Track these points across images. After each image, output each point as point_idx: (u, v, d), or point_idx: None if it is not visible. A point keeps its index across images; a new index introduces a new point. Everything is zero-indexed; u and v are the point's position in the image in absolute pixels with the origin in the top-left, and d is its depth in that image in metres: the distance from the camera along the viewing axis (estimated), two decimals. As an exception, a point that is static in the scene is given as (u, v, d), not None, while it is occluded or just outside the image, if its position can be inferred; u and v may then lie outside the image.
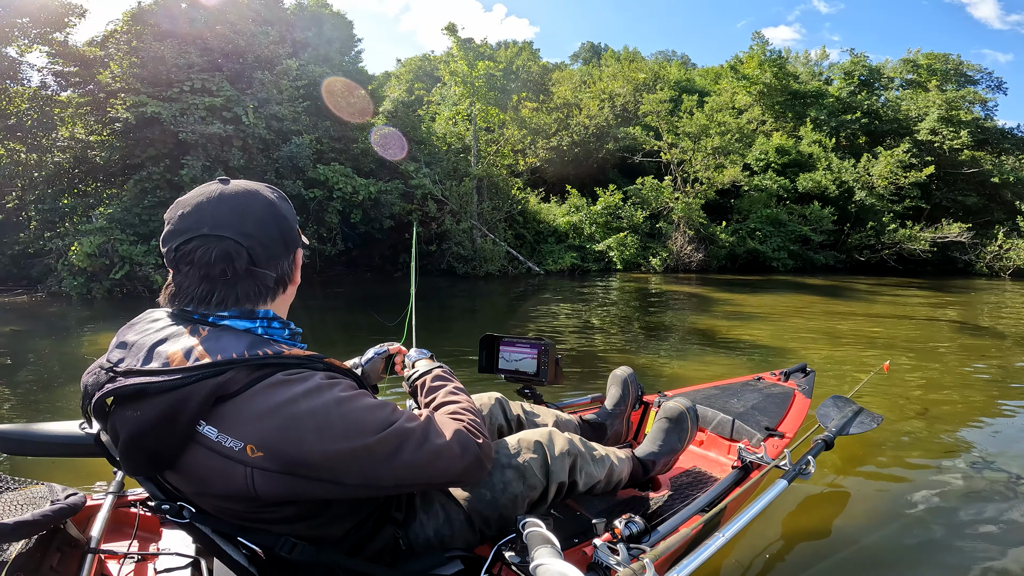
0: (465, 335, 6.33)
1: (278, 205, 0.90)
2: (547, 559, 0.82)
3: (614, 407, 1.87)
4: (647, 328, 7.13)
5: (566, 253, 16.26)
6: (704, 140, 17.76)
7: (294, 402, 0.75)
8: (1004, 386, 4.38)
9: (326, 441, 0.75)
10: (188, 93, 10.57)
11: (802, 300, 10.31)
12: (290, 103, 11.75)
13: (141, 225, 10.16)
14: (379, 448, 0.78)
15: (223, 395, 0.74)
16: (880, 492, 2.47)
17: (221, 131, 10.16)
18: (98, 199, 11.62)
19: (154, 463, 0.77)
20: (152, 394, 0.73)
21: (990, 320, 8.19)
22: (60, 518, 0.91)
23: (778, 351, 5.52)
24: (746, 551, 1.95)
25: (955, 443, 3.08)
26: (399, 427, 0.81)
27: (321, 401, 0.76)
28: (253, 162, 10.95)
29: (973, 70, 22.89)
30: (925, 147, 20.39)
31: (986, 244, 19.01)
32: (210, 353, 0.76)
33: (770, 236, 18.35)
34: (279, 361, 0.79)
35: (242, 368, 0.76)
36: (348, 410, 0.78)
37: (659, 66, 28.14)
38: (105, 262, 9.67)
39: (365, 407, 0.80)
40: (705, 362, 5.05)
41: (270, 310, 0.88)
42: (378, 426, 0.79)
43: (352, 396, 0.80)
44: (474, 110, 15.80)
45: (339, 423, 0.77)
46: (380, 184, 12.78)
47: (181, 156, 10.33)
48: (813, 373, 2.79)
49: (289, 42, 14.13)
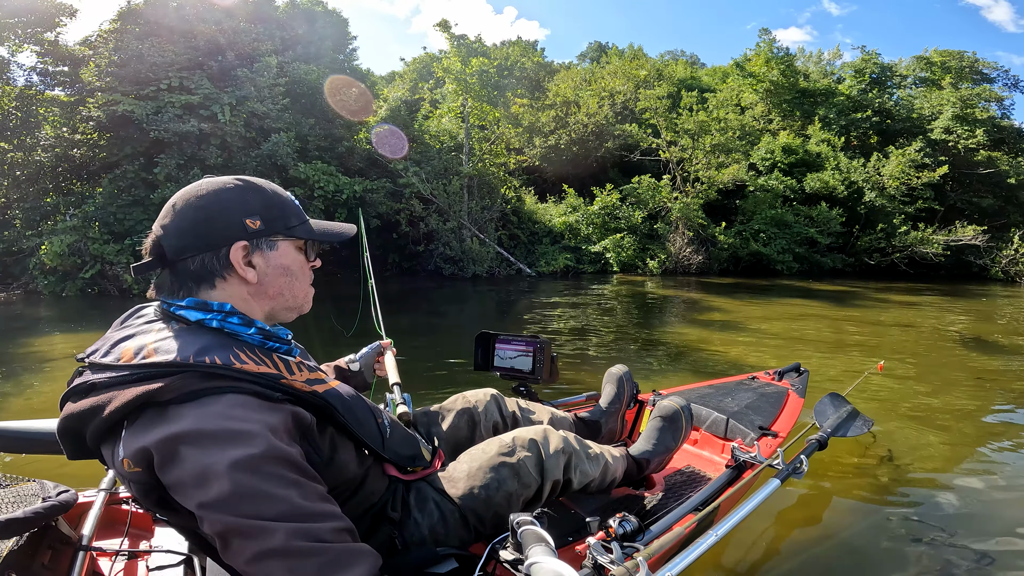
0: (427, 342, 5.95)
1: (213, 197, 0.85)
2: (541, 557, 0.81)
3: (609, 405, 1.87)
4: (640, 330, 6.89)
5: (560, 254, 15.82)
6: (704, 138, 17.21)
7: (197, 440, 0.69)
8: (1008, 395, 4.16)
9: (201, 497, 0.67)
10: (165, 91, 10.37)
11: (805, 304, 9.84)
12: (271, 100, 11.48)
13: (116, 224, 9.96)
14: (256, 534, 0.66)
15: (152, 401, 0.71)
16: (873, 493, 2.45)
17: (195, 129, 9.91)
18: (81, 198, 11.49)
19: (79, 452, 0.78)
20: (99, 389, 0.74)
21: (1003, 329, 7.64)
22: (51, 515, 0.90)
23: (774, 355, 5.35)
24: (739, 550, 1.96)
25: (952, 448, 3.05)
26: (304, 529, 0.68)
27: (223, 457, 0.68)
28: (232, 160, 10.71)
29: (989, 68, 22.00)
30: (939, 146, 19.61)
31: (1002, 248, 18.16)
32: (159, 352, 0.75)
33: (775, 238, 17.68)
34: (227, 374, 0.75)
35: (187, 376, 0.73)
36: (242, 480, 0.68)
37: (664, 64, 27.59)
38: (77, 261, 9.49)
39: (265, 485, 0.69)
40: (699, 363, 4.95)
41: (227, 303, 0.84)
42: (273, 515, 0.67)
43: (264, 461, 0.69)
44: (467, 108, 15.46)
45: (228, 486, 0.67)
46: (366, 183, 12.47)
47: (157, 154, 10.11)
48: (807, 373, 2.79)
49: (278, 39, 13.92)
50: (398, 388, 1.43)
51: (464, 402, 1.48)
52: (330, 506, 0.73)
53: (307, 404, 0.84)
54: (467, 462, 1.18)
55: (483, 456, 1.18)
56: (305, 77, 12.85)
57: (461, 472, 1.15)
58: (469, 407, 1.47)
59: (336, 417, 0.89)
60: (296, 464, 0.73)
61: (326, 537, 0.69)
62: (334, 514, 0.73)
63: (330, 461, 0.88)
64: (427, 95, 18.87)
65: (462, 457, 1.21)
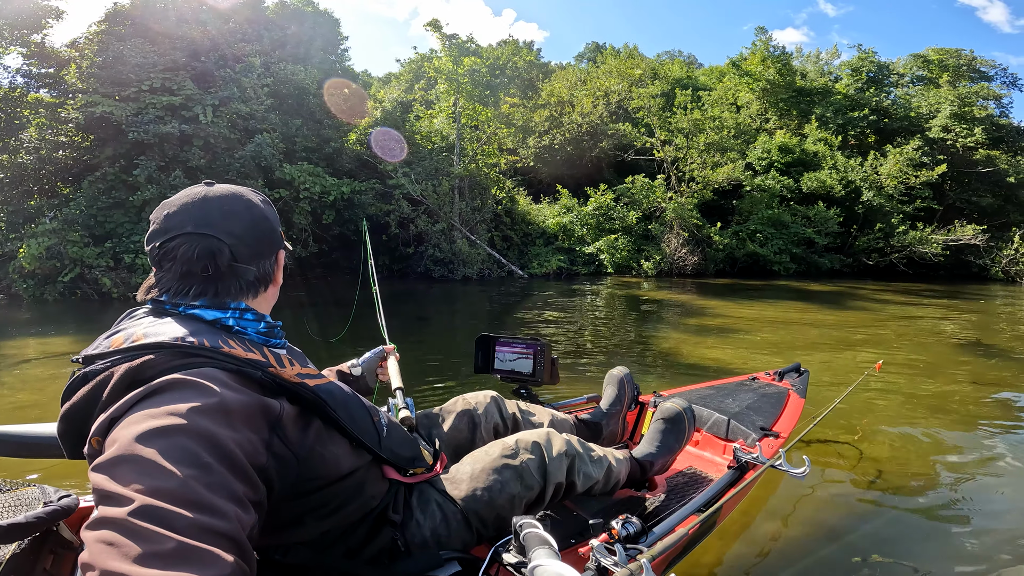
0: (414, 345, 5.78)
1: (259, 207, 0.91)
2: (544, 560, 0.81)
3: (610, 407, 1.88)
4: (635, 331, 6.78)
5: (552, 256, 15.62)
6: (698, 136, 17.02)
7: (151, 410, 0.65)
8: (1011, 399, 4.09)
9: (110, 455, 0.61)
10: (147, 92, 10.21)
11: (802, 306, 9.66)
12: (257, 101, 11.32)
13: (96, 226, 9.80)
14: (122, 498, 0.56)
15: (138, 379, 0.70)
16: (877, 492, 2.44)
17: (176, 130, 9.75)
18: (64, 200, 11.34)
19: (79, 448, 0.73)
20: (91, 377, 0.74)
21: (1003, 332, 7.44)
22: (53, 520, 0.90)
23: (771, 356, 5.27)
24: (742, 551, 1.95)
25: (957, 447, 3.02)
26: (160, 510, 0.55)
27: (163, 423, 0.63)
28: (216, 162, 10.54)
29: (987, 66, 21.79)
30: (937, 145, 19.41)
31: (1002, 247, 17.96)
32: (148, 336, 0.75)
33: (772, 238, 17.47)
34: (211, 355, 0.75)
35: (165, 352, 0.73)
36: (142, 445, 0.60)
37: (660, 64, 27.42)
38: (56, 264, 9.32)
39: (193, 456, 0.61)
40: (694, 365, 4.88)
41: (242, 302, 0.87)
42: (143, 487, 0.57)
43: (182, 431, 0.63)
44: (458, 108, 15.29)
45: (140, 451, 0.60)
46: (354, 184, 12.30)
47: (138, 156, 9.95)
48: (807, 373, 2.80)
49: (266, 40, 13.77)
50: (401, 392, 1.40)
51: (464, 404, 1.49)
52: (225, 503, 0.61)
53: (293, 395, 0.84)
54: (470, 464, 1.19)
55: (486, 458, 1.19)
56: (292, 78, 12.69)
57: (464, 474, 1.16)
58: (469, 409, 1.48)
59: (327, 411, 0.88)
60: (220, 449, 0.65)
61: (179, 527, 0.55)
62: (221, 512, 0.59)
63: (311, 455, 0.85)
64: (419, 95, 18.73)
65: (465, 459, 1.22)
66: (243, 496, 0.65)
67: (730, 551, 1.93)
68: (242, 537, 0.61)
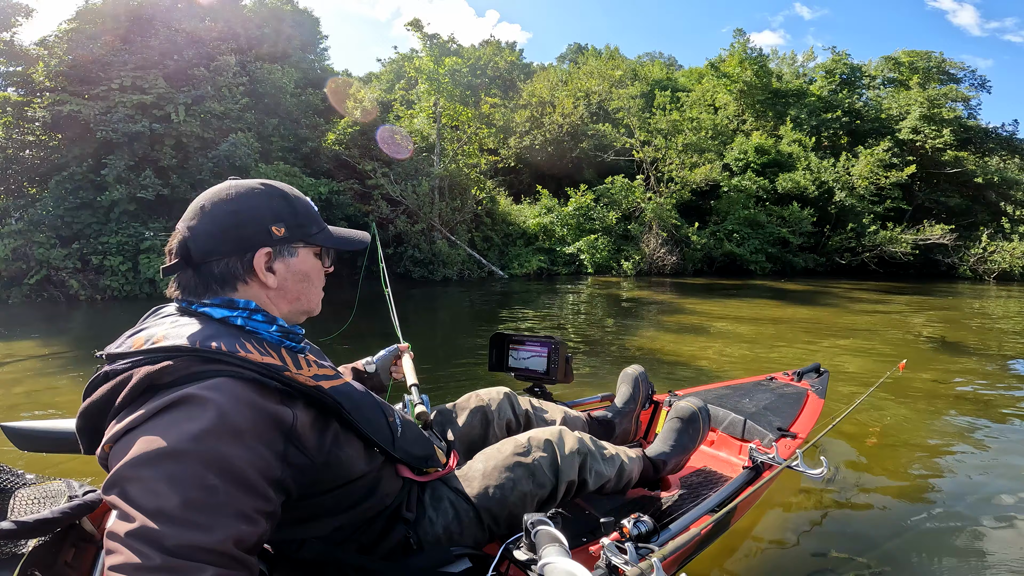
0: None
1: (243, 202, 0.87)
2: (555, 558, 0.81)
3: (624, 405, 1.88)
4: (617, 331, 6.75)
5: (533, 256, 15.67)
6: (677, 137, 17.22)
7: (157, 423, 0.69)
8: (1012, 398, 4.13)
9: (124, 466, 0.66)
10: (116, 91, 10.00)
11: (776, 305, 9.80)
12: (231, 100, 11.16)
13: (63, 227, 9.57)
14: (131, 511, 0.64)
15: (155, 384, 0.72)
16: (893, 494, 2.40)
17: (146, 129, 9.57)
18: (31, 200, 11.06)
19: (95, 444, 0.76)
20: (112, 376, 0.75)
21: (976, 329, 7.66)
22: (78, 515, 0.90)
23: (753, 356, 5.28)
24: (757, 552, 1.92)
25: (971, 446, 2.98)
26: (153, 533, 0.62)
27: (172, 441, 0.67)
28: (188, 161, 10.37)
29: (956, 68, 22.42)
30: (907, 146, 19.92)
31: (970, 246, 18.49)
32: (168, 339, 0.76)
33: (748, 238, 17.77)
34: (228, 360, 0.76)
35: (185, 358, 0.74)
36: (174, 469, 0.66)
37: (641, 65, 27.66)
38: (22, 266, 9.09)
39: (191, 478, 0.66)
40: (688, 366, 4.82)
41: (252, 301, 0.86)
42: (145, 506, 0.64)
43: (191, 457, 0.67)
44: (439, 108, 15.25)
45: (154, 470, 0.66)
46: (332, 184, 12.20)
47: (107, 155, 9.74)
48: (827, 373, 2.76)
49: (243, 38, 13.59)
50: (416, 389, 1.41)
51: (477, 400, 1.49)
52: (222, 521, 0.66)
53: (309, 399, 0.84)
54: (482, 461, 1.19)
55: (498, 456, 1.19)
56: (268, 77, 12.55)
57: (476, 471, 1.17)
58: (483, 405, 1.48)
59: (342, 414, 0.88)
60: (229, 470, 0.68)
61: (168, 547, 0.62)
62: (212, 529, 0.65)
63: (329, 459, 0.86)
64: (399, 95, 18.63)
65: (477, 456, 1.22)
66: (251, 511, 0.69)
67: (743, 551, 1.90)
68: (235, 552, 0.66)
